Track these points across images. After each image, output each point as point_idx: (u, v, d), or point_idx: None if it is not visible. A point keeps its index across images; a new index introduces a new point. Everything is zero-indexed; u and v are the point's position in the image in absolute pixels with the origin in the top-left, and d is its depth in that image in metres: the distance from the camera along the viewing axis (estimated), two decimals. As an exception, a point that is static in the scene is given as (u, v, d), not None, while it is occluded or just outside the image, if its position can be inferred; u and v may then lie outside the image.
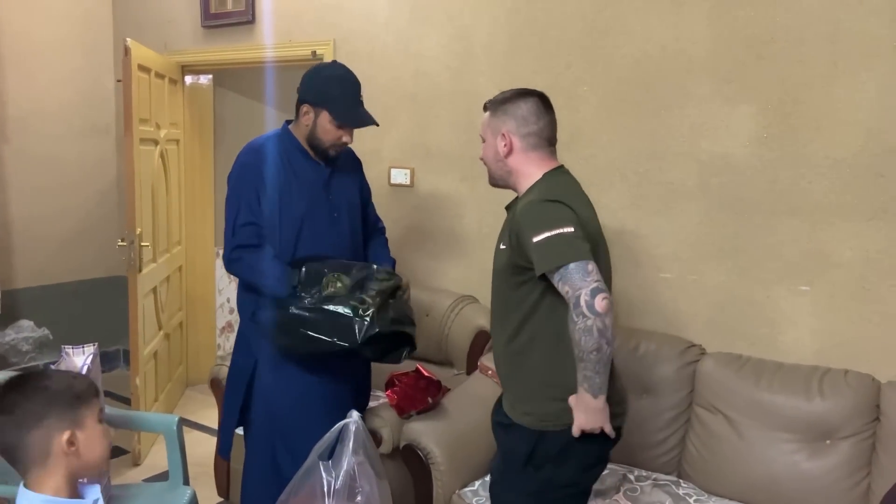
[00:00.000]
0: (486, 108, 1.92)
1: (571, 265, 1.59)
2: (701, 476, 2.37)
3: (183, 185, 4.20)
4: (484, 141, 1.92)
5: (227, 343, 4.73)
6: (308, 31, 3.60)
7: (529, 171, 1.83)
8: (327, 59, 3.53)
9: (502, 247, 1.83)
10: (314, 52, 3.57)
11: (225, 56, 3.96)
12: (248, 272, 2.26)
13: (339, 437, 1.78)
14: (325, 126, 2.26)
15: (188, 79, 4.22)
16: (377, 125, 2.34)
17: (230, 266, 2.30)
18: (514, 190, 1.90)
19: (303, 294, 2.13)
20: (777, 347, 2.49)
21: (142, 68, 3.46)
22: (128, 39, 3.32)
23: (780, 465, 2.21)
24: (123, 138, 3.48)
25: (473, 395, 2.60)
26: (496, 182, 1.95)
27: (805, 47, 2.36)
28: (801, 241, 2.42)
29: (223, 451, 2.51)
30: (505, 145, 1.83)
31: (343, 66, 2.35)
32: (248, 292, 2.34)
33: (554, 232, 1.63)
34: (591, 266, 1.59)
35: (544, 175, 1.82)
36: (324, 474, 1.73)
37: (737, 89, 2.49)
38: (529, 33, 2.92)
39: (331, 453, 1.78)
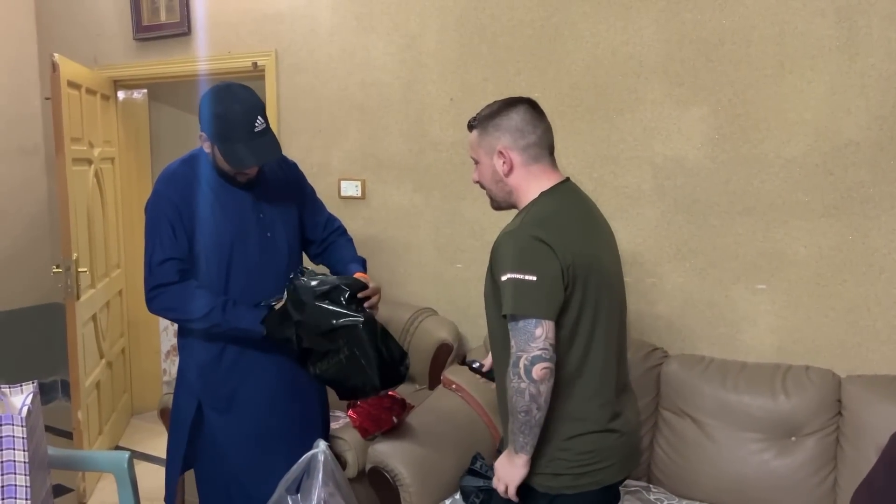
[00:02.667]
0: (471, 127, 1.74)
1: (521, 322, 1.51)
2: (671, 480, 2.36)
3: (120, 205, 4.01)
4: (477, 162, 1.74)
5: (173, 368, 4.54)
6: (248, 41, 3.49)
7: (529, 188, 1.67)
8: (269, 71, 3.43)
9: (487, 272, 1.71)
10: (255, 64, 3.47)
11: (160, 70, 3.80)
12: (183, 312, 2.08)
13: (307, 469, 1.69)
14: (221, 158, 2.06)
15: (121, 94, 4.04)
16: (272, 160, 2.10)
17: (151, 304, 2.10)
18: (516, 209, 1.73)
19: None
20: (737, 347, 2.51)
21: (71, 84, 3.28)
22: (55, 55, 3.15)
23: (748, 465, 2.22)
24: (54, 159, 3.30)
25: (439, 411, 2.54)
26: (499, 205, 1.77)
27: (752, 49, 2.39)
28: (756, 240, 2.45)
29: (170, 501, 2.29)
30: (504, 163, 1.67)
31: (235, 96, 2.01)
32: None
33: (517, 276, 1.53)
34: (541, 330, 1.50)
35: (540, 195, 1.66)
36: (293, 509, 1.64)
37: (688, 92, 2.50)
38: (479, 41, 2.88)
39: (298, 486, 1.69)
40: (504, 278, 1.55)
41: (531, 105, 1.71)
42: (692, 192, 2.53)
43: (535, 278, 1.52)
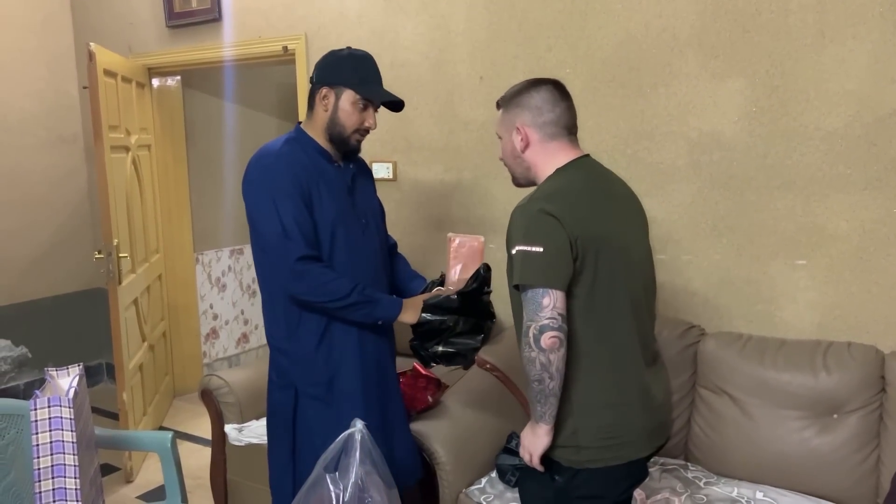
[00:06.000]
0: (498, 106, 1.81)
1: (529, 292, 1.55)
2: (709, 458, 2.34)
3: (157, 191, 4.08)
4: (501, 139, 1.80)
5: (213, 350, 4.64)
6: (277, 26, 3.50)
7: (545, 165, 1.71)
8: (299, 55, 3.44)
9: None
10: (285, 48, 3.48)
11: (192, 56, 3.84)
12: (329, 290, 1.95)
13: (344, 448, 1.72)
14: (348, 108, 2.04)
15: (155, 81, 4.10)
16: (403, 104, 2.14)
17: (299, 280, 1.95)
18: (536, 185, 1.76)
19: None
20: (776, 324, 2.47)
21: (108, 73, 3.34)
22: (91, 44, 3.20)
23: (788, 442, 2.19)
24: (92, 147, 3.37)
25: (473, 391, 2.55)
26: (519, 181, 1.81)
27: (791, 18, 2.32)
28: (795, 214, 2.40)
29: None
30: (521, 139, 1.72)
31: (362, 51, 2.16)
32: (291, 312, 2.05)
33: (525, 248, 1.57)
34: (548, 299, 1.53)
35: (556, 171, 1.69)
36: (331, 487, 1.67)
37: (724, 64, 2.45)
38: (508, 17, 2.85)
39: (336, 465, 1.72)
40: (514, 251, 1.60)
41: (555, 85, 1.74)
42: (728, 167, 2.49)
43: (541, 249, 1.55)
